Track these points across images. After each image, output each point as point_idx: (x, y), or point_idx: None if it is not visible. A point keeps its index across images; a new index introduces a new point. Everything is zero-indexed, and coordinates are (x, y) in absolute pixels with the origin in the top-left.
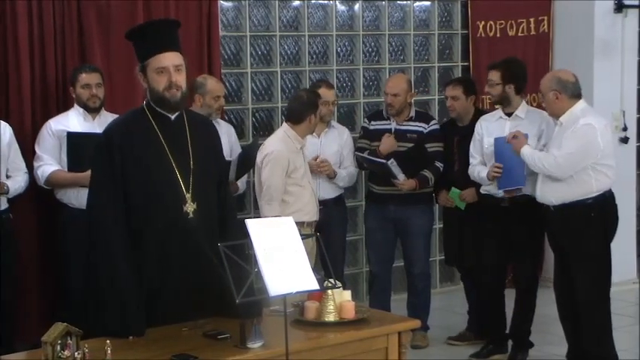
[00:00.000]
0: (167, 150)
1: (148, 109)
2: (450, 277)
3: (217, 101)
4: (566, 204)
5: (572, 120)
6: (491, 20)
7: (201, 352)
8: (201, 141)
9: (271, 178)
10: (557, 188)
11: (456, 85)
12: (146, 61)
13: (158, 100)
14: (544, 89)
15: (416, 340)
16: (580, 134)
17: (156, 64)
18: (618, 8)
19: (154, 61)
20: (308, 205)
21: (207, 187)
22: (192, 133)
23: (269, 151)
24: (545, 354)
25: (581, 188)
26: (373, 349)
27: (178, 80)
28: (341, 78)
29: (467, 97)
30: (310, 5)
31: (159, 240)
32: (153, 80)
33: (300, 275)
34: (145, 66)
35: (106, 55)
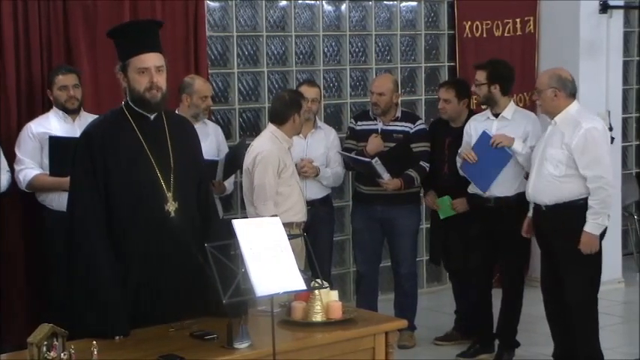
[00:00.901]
0: (147, 150)
1: (127, 109)
2: (437, 276)
3: (205, 101)
4: (560, 204)
5: (568, 120)
6: (478, 20)
7: (188, 353)
8: (181, 141)
9: (264, 179)
10: (551, 188)
11: (449, 87)
12: (127, 61)
13: (138, 101)
14: (542, 86)
15: (403, 340)
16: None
17: (138, 64)
18: (603, 9)
19: (135, 61)
20: (297, 205)
21: (187, 186)
22: (172, 133)
23: (258, 152)
24: (531, 353)
25: (575, 188)
26: (360, 349)
27: (159, 81)
28: (328, 78)
29: (459, 100)
30: (297, 5)
31: (141, 239)
32: (134, 80)
33: (287, 275)
34: (126, 65)
35: (92, 56)
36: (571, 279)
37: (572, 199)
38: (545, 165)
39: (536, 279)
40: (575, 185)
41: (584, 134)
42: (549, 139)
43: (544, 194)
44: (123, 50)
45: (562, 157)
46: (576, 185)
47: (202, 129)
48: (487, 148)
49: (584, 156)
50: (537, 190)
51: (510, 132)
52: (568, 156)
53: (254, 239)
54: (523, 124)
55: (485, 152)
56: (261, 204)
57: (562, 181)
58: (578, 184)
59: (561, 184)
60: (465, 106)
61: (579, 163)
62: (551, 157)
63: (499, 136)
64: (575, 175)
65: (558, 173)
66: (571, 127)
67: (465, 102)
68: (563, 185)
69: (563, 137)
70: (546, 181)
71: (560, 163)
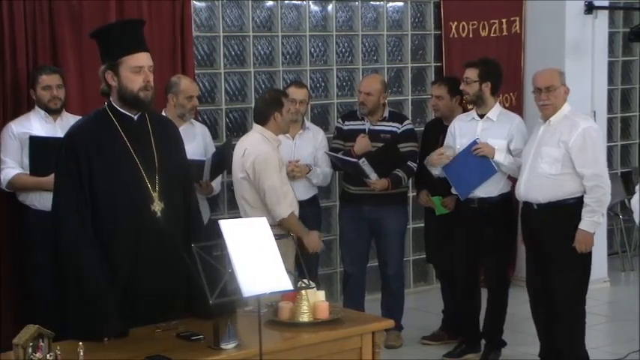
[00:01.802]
0: (132, 150)
1: (110, 109)
2: (424, 277)
3: (190, 101)
4: (553, 202)
5: (564, 120)
6: (464, 21)
7: (174, 353)
8: (164, 141)
9: (272, 180)
10: (546, 186)
11: (442, 84)
12: (119, 60)
13: (131, 100)
14: (555, 83)
15: (390, 340)
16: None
17: (133, 63)
18: (588, 9)
19: (130, 59)
20: (293, 202)
21: (173, 186)
22: (155, 133)
23: (256, 156)
24: (517, 353)
25: (570, 186)
26: (347, 349)
27: (152, 81)
28: (314, 78)
29: (451, 97)
30: (283, 6)
31: (128, 239)
32: (127, 79)
33: (274, 275)
34: (117, 64)
35: (78, 56)
36: (561, 278)
37: (567, 197)
38: (540, 163)
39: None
40: (571, 183)
41: (582, 133)
42: (544, 138)
43: (538, 193)
44: (113, 49)
45: (559, 156)
46: (571, 183)
47: (189, 129)
48: (474, 156)
49: (582, 154)
50: (530, 189)
51: (494, 133)
52: (565, 154)
53: (241, 239)
54: (507, 127)
55: (472, 159)
56: (276, 205)
57: (557, 179)
58: (573, 182)
59: (556, 182)
60: (458, 104)
61: (576, 161)
62: (546, 155)
63: (482, 144)
64: (571, 174)
65: (554, 171)
66: (568, 126)
67: (457, 99)
68: (559, 183)
69: (560, 136)
70: (541, 179)
71: (556, 162)
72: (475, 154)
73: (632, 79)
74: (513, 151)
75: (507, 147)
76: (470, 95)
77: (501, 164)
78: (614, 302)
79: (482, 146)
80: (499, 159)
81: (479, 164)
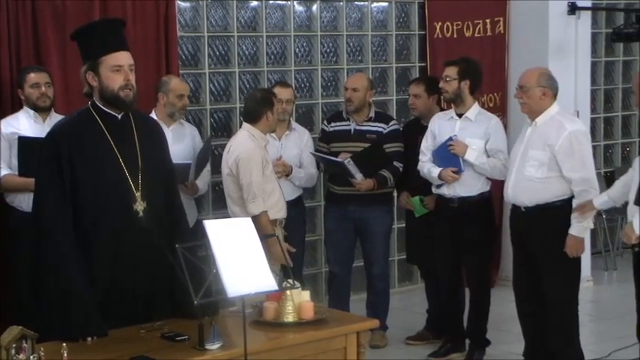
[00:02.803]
0: (115, 149)
1: (94, 108)
2: (409, 276)
3: (181, 100)
4: (540, 205)
5: (550, 122)
6: (448, 21)
7: (159, 354)
8: (148, 140)
9: (250, 177)
10: (532, 190)
11: (419, 83)
12: (99, 59)
13: (111, 99)
14: (529, 84)
15: (374, 339)
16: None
17: (113, 62)
18: (571, 10)
19: (110, 58)
20: (279, 202)
21: (156, 186)
22: (139, 133)
23: (239, 153)
24: (501, 352)
25: (556, 189)
26: (332, 349)
27: (132, 80)
28: (299, 78)
29: (429, 95)
30: (268, 6)
31: (110, 239)
32: (107, 78)
33: (259, 276)
34: (98, 64)
35: (62, 56)
36: (552, 279)
37: (553, 200)
38: (526, 167)
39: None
40: (556, 187)
41: (568, 137)
42: (530, 140)
43: (524, 196)
44: (93, 49)
45: (544, 159)
46: (557, 187)
47: (179, 130)
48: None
49: (569, 158)
50: (517, 192)
51: (472, 133)
52: (550, 158)
53: (225, 240)
54: (484, 126)
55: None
56: (250, 202)
57: (543, 182)
58: (559, 185)
59: (543, 185)
60: (435, 103)
61: (563, 165)
62: (532, 158)
63: (456, 142)
64: (557, 177)
65: (540, 175)
66: (554, 128)
67: (434, 98)
68: (545, 187)
69: (546, 139)
70: (527, 182)
71: (542, 165)
72: (449, 150)
73: (615, 80)
74: (490, 151)
75: (484, 147)
76: (449, 93)
77: (472, 163)
78: (597, 301)
79: (456, 144)
80: (469, 158)
81: (451, 161)
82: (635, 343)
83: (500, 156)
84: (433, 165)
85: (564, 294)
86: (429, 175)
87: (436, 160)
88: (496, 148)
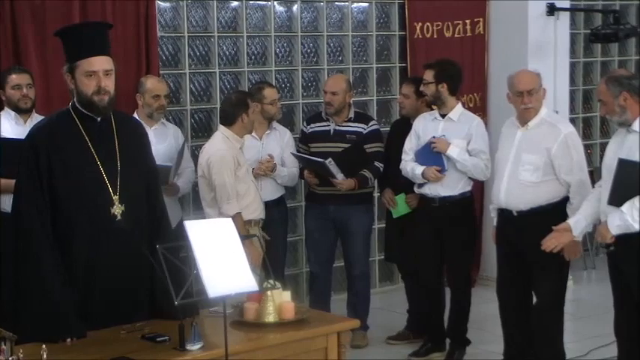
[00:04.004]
0: (94, 151)
1: (74, 110)
2: (390, 276)
3: (157, 101)
4: (535, 208)
5: (541, 124)
6: (428, 22)
7: (139, 355)
8: (129, 142)
9: (223, 178)
10: (528, 194)
11: (410, 83)
12: (75, 63)
13: (86, 104)
14: (537, 85)
15: (355, 339)
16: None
17: (86, 68)
18: (550, 11)
19: (83, 64)
20: (254, 202)
21: (135, 188)
22: (120, 135)
23: (210, 155)
24: (481, 351)
25: (551, 191)
26: (313, 349)
27: (107, 85)
28: (280, 79)
29: (418, 97)
30: (248, 6)
31: (86, 242)
32: (81, 83)
33: (239, 276)
34: (74, 67)
35: (42, 57)
36: (543, 283)
37: (547, 202)
38: (520, 171)
39: (487, 278)
40: (551, 189)
41: (564, 140)
42: (522, 144)
43: (519, 200)
44: (71, 52)
45: (539, 163)
46: (552, 189)
47: (162, 130)
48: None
49: (566, 161)
50: (511, 197)
51: (454, 133)
52: (546, 161)
53: (206, 240)
54: (467, 127)
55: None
56: (224, 203)
57: (539, 185)
58: (553, 188)
59: (538, 189)
60: (424, 105)
61: (560, 168)
62: (527, 162)
63: (438, 140)
64: (552, 180)
65: (535, 179)
66: (548, 131)
67: (423, 100)
68: (540, 190)
69: (541, 142)
70: (522, 186)
71: (537, 169)
72: (432, 148)
73: (594, 80)
74: (472, 151)
75: (467, 147)
76: (428, 96)
77: (454, 159)
78: (576, 300)
79: (438, 141)
80: (452, 153)
81: (435, 160)
82: (613, 341)
83: (482, 156)
84: (416, 164)
85: (554, 296)
86: (411, 173)
87: (420, 159)
88: (478, 149)
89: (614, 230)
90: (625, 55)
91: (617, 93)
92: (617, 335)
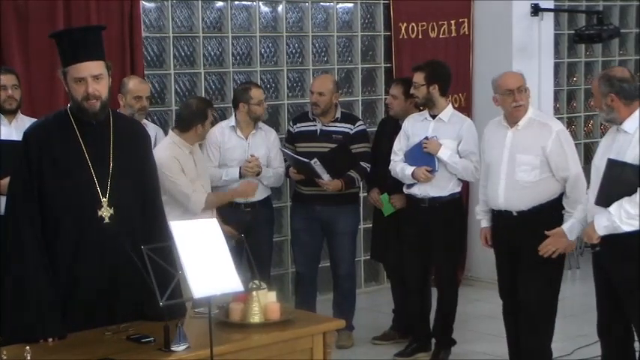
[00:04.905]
0: (85, 153)
1: (72, 112)
2: (375, 276)
3: (139, 101)
4: (535, 206)
5: (530, 123)
6: (413, 22)
7: (124, 356)
8: (126, 144)
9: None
10: (527, 194)
11: (398, 84)
12: (66, 68)
13: (77, 109)
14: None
15: (341, 340)
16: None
17: (74, 74)
18: (535, 12)
19: (72, 70)
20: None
21: (128, 192)
22: (117, 137)
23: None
24: (467, 351)
25: (549, 189)
26: (298, 349)
27: (97, 90)
28: (265, 79)
29: (406, 98)
30: (233, 6)
31: (71, 243)
32: (72, 89)
33: (225, 277)
34: (66, 72)
35: (25, 57)
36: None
37: (547, 200)
38: (517, 172)
39: (473, 278)
40: (549, 187)
41: (557, 137)
42: (514, 144)
43: (520, 201)
44: (62, 57)
45: (536, 162)
46: (550, 187)
47: None
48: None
49: (561, 158)
50: (510, 198)
51: (445, 134)
52: (542, 160)
53: (191, 241)
54: (457, 128)
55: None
56: (189, 202)
57: (537, 184)
58: (551, 185)
59: (537, 188)
60: (412, 106)
61: (557, 165)
62: (523, 163)
63: (429, 141)
64: (549, 178)
65: (532, 178)
66: (539, 130)
67: (412, 101)
68: (538, 189)
69: (534, 141)
70: (520, 187)
71: (534, 169)
72: (424, 150)
73: (577, 80)
74: (462, 152)
75: (457, 148)
76: (419, 98)
77: (444, 161)
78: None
79: (429, 143)
80: (442, 156)
81: (425, 161)
82: (597, 340)
83: (473, 157)
84: (406, 164)
85: (547, 294)
86: (401, 173)
87: (410, 160)
88: (469, 150)
89: (601, 231)
90: (609, 55)
91: (606, 93)
92: (601, 335)
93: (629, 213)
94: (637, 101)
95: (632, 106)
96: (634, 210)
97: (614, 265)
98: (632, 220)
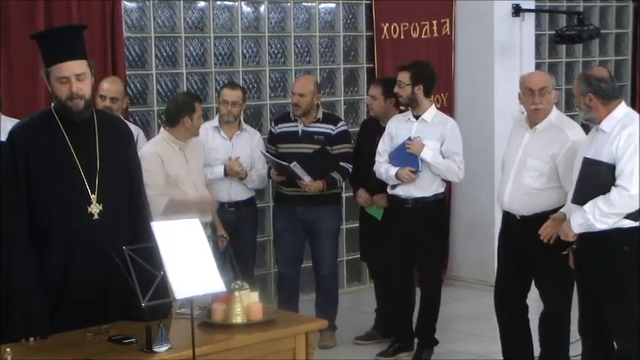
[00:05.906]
0: (73, 151)
1: (56, 110)
2: (358, 277)
3: (103, 101)
4: (538, 213)
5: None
6: (395, 22)
7: (106, 357)
8: (111, 142)
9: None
10: (529, 200)
11: (377, 85)
12: (49, 68)
13: (61, 108)
14: (550, 85)
15: (324, 340)
16: None
17: (57, 74)
18: (516, 12)
19: (55, 69)
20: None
21: (115, 188)
22: (102, 134)
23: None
24: (449, 351)
25: (553, 198)
26: (281, 349)
27: (81, 89)
28: (247, 79)
29: (385, 98)
30: (215, 6)
31: (62, 242)
32: (55, 89)
33: (207, 277)
34: (49, 72)
35: (6, 57)
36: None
37: (551, 208)
38: (525, 176)
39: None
40: (554, 196)
41: (571, 148)
42: (528, 148)
43: (522, 205)
44: (45, 57)
45: (544, 170)
46: (555, 196)
47: None
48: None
49: (570, 170)
50: (514, 200)
51: (428, 135)
52: (551, 167)
53: (173, 241)
54: (440, 129)
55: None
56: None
57: (542, 192)
58: (556, 195)
59: (541, 195)
60: (393, 105)
61: (565, 177)
62: (532, 168)
63: (412, 142)
64: (556, 187)
65: (539, 186)
66: (555, 137)
67: (391, 101)
68: (542, 197)
69: (547, 148)
70: (525, 192)
71: (542, 176)
72: (407, 150)
73: (558, 81)
74: (445, 153)
75: (440, 148)
76: (403, 98)
77: (427, 162)
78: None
79: (412, 143)
80: (426, 156)
81: (409, 161)
82: (578, 339)
83: (456, 158)
84: (390, 165)
85: (561, 300)
86: (385, 174)
87: (394, 161)
88: (451, 150)
89: (576, 229)
90: (589, 56)
91: (584, 92)
92: (581, 333)
93: (603, 211)
94: (615, 101)
95: (610, 105)
96: (608, 208)
97: (590, 263)
98: (606, 218)
